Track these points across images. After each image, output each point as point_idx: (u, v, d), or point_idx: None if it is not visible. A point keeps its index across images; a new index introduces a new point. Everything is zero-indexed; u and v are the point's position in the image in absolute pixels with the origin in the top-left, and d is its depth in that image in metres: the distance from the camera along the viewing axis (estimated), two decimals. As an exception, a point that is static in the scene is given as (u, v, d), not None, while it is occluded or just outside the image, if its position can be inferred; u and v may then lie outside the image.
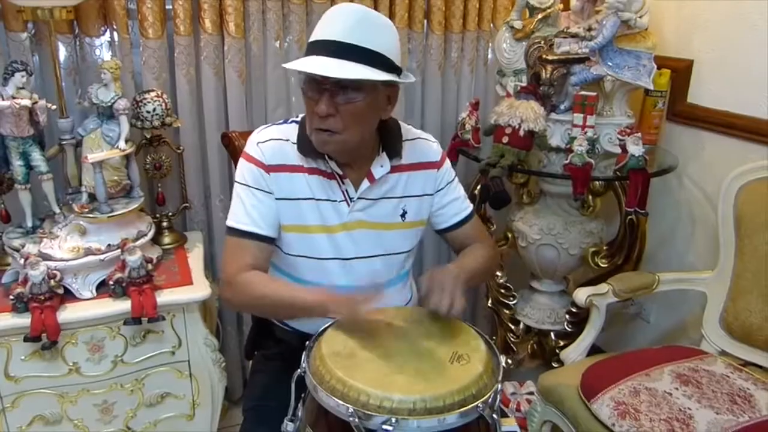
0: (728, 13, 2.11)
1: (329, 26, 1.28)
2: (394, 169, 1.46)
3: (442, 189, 1.55)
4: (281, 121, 1.50)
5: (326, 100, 1.27)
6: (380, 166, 1.44)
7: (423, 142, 1.54)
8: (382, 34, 1.29)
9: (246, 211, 1.41)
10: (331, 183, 1.43)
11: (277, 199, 1.42)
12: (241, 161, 1.44)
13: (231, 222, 1.43)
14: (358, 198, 1.44)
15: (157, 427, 1.94)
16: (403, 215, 1.50)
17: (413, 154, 1.50)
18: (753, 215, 1.90)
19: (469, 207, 1.61)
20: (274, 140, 1.43)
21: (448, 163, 1.57)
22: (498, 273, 2.48)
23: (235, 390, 2.49)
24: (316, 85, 1.29)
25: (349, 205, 1.44)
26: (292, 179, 1.42)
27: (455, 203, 1.58)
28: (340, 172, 1.42)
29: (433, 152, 1.54)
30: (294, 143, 1.42)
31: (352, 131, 1.32)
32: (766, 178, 1.90)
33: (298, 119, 1.46)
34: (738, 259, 1.96)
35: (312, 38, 1.30)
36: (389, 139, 1.46)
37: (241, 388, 2.53)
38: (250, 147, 1.43)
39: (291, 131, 1.44)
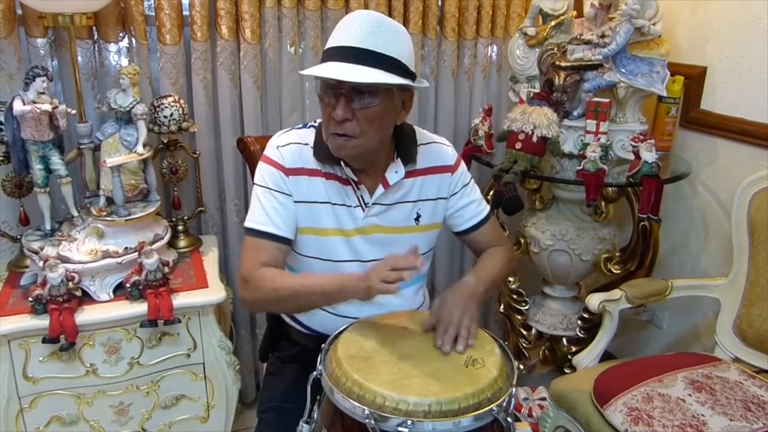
0: (741, 20, 2.11)
1: (345, 33, 1.29)
2: (408, 174, 1.48)
3: (457, 192, 1.56)
4: (301, 126, 1.52)
5: (343, 105, 1.29)
6: (395, 171, 1.46)
7: (437, 146, 1.55)
8: (396, 39, 1.30)
9: (265, 212, 1.43)
10: (347, 189, 1.45)
11: (295, 201, 1.44)
12: (261, 164, 1.45)
13: (249, 222, 1.44)
14: (373, 203, 1.46)
15: (171, 428, 1.96)
16: (417, 219, 1.52)
17: (427, 158, 1.51)
18: (767, 222, 1.90)
19: (485, 210, 1.61)
20: (293, 144, 1.45)
21: (463, 166, 1.58)
22: (510, 278, 2.49)
23: (248, 393, 2.51)
24: (333, 90, 1.30)
25: (364, 210, 1.46)
26: (311, 183, 1.44)
27: (471, 206, 1.58)
28: (355, 178, 1.43)
29: (447, 156, 1.55)
30: (312, 147, 1.44)
31: (369, 136, 1.34)
32: (780, 185, 1.90)
33: (317, 124, 1.48)
34: (752, 266, 1.95)
35: (328, 45, 1.32)
36: (404, 145, 1.48)
37: (254, 390, 2.55)
38: (270, 150, 1.45)
39: (310, 135, 1.46)
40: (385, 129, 1.38)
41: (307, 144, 1.45)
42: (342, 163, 1.41)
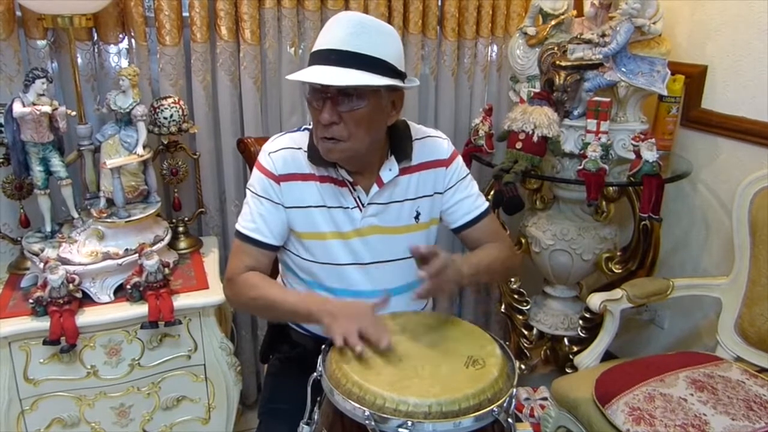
0: (742, 19, 2.11)
1: (329, 35, 1.29)
2: (403, 171, 1.47)
3: (452, 187, 1.53)
4: (295, 129, 1.51)
5: (329, 109, 1.29)
6: (389, 169, 1.45)
7: (432, 140, 1.53)
8: (381, 40, 1.29)
9: (252, 218, 1.45)
10: (343, 190, 1.45)
11: (288, 207, 1.44)
12: (254, 169, 1.47)
13: (238, 225, 1.48)
14: (369, 203, 1.45)
15: (172, 430, 1.95)
16: (417, 217, 1.51)
17: (423, 153, 1.50)
18: (768, 221, 1.90)
19: (482, 205, 1.57)
20: (285, 149, 1.45)
21: (459, 160, 1.55)
22: (511, 278, 2.48)
23: (249, 394, 2.51)
24: (319, 94, 1.30)
25: (361, 211, 1.45)
26: (304, 188, 1.44)
27: (466, 201, 1.55)
28: (351, 180, 1.43)
29: (442, 150, 1.53)
30: (305, 151, 1.44)
31: (357, 138, 1.33)
32: (781, 183, 1.90)
33: (311, 126, 1.47)
34: (753, 265, 1.95)
35: (314, 48, 1.32)
36: (398, 142, 1.47)
37: (255, 392, 2.55)
38: (262, 156, 1.45)
39: (303, 139, 1.46)
40: (375, 131, 1.37)
41: (300, 148, 1.45)
42: (336, 165, 1.41)
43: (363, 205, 1.45)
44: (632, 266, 2.30)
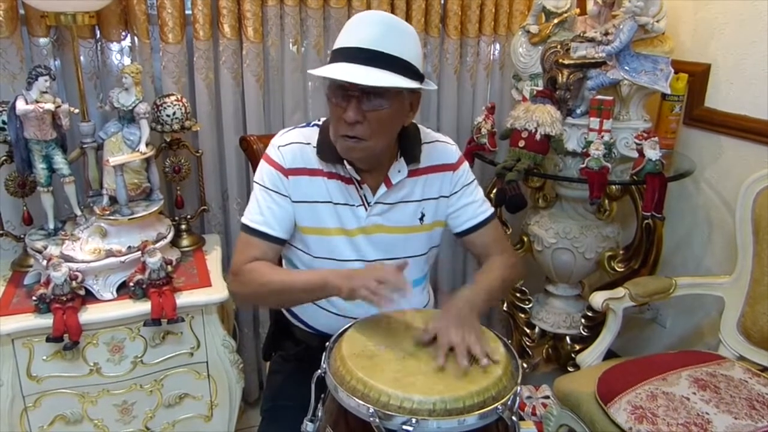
0: (745, 17, 2.10)
1: (355, 33, 1.29)
2: (411, 174, 1.47)
3: (457, 192, 1.55)
4: (304, 125, 1.51)
5: (354, 108, 1.28)
6: (398, 171, 1.45)
7: (440, 145, 1.55)
8: (406, 41, 1.30)
9: (260, 210, 1.44)
10: (349, 188, 1.45)
11: (295, 202, 1.44)
12: (262, 162, 1.46)
13: (245, 219, 1.46)
14: (376, 203, 1.46)
15: (175, 427, 1.95)
16: (421, 218, 1.51)
17: (430, 156, 1.51)
18: (771, 220, 1.89)
19: (487, 211, 1.58)
20: (295, 144, 1.45)
21: (465, 166, 1.57)
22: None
23: (251, 391, 2.51)
24: (343, 92, 1.29)
25: (366, 209, 1.46)
26: (312, 183, 1.44)
27: (471, 207, 1.56)
28: (358, 178, 1.43)
29: (450, 154, 1.54)
30: (315, 147, 1.44)
31: (378, 138, 1.33)
32: (784, 182, 1.89)
33: (320, 123, 1.47)
34: (756, 264, 1.95)
35: (337, 45, 1.31)
36: (408, 145, 1.47)
37: (257, 390, 2.55)
38: (271, 150, 1.45)
39: (313, 135, 1.46)
40: (394, 131, 1.38)
41: (309, 143, 1.45)
42: (345, 162, 1.41)
43: (368, 203, 1.45)
44: (635, 265, 2.30)
